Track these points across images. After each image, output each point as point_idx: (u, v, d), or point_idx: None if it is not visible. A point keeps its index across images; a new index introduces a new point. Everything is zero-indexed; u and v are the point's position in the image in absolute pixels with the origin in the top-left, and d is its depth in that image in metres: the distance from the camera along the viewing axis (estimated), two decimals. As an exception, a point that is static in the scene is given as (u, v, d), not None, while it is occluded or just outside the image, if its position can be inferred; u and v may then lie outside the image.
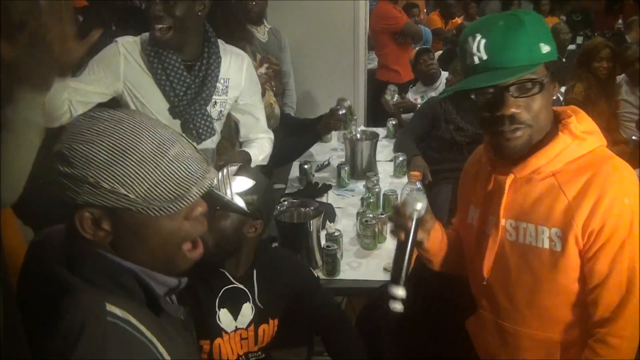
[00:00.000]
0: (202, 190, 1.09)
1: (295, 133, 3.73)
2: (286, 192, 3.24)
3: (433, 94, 4.33)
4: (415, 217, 1.51)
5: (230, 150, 2.42)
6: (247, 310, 1.86)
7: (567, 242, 1.40)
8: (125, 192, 1.02)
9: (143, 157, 1.02)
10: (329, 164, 3.58)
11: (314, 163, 3.53)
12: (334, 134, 3.93)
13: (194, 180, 1.08)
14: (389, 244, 2.62)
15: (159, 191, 1.04)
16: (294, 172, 3.48)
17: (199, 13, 2.17)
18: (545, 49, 1.37)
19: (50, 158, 1.04)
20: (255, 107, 2.55)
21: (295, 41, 4.35)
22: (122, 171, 1.01)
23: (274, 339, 1.97)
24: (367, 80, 5.09)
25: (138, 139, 1.03)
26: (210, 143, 2.43)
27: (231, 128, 2.77)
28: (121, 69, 2.18)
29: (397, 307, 1.48)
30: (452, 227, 1.89)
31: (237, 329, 1.85)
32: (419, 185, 2.58)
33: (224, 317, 1.83)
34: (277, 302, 1.92)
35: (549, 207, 1.43)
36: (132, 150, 1.02)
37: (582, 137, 1.42)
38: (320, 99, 4.57)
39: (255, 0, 4.00)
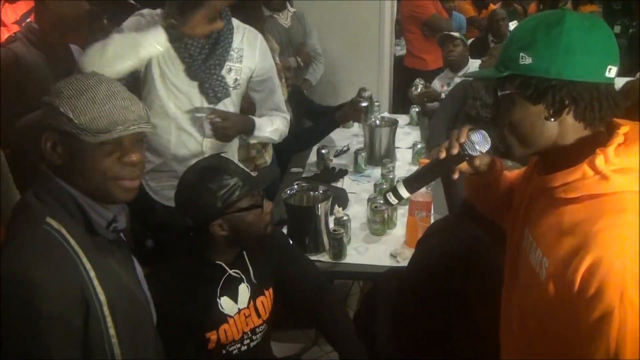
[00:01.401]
0: (125, 132, 1.35)
1: (315, 118, 3.76)
2: (303, 176, 3.27)
3: (458, 81, 4.28)
4: (466, 152, 1.42)
5: (233, 114, 2.46)
6: (244, 290, 1.93)
7: (549, 276, 1.22)
8: (72, 117, 1.31)
9: (94, 98, 1.34)
10: (348, 149, 3.60)
11: (332, 148, 3.56)
12: (356, 121, 3.92)
13: (124, 125, 1.35)
14: (398, 231, 2.64)
15: (96, 124, 1.32)
16: (312, 156, 3.51)
17: None
18: (525, 59, 1.21)
19: None
20: (270, 84, 2.60)
21: (320, 26, 4.36)
22: (75, 103, 1.32)
23: (274, 309, 2.03)
24: (393, 67, 5.06)
25: (98, 86, 1.36)
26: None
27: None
28: (151, 37, 2.20)
29: (392, 199, 1.49)
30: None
31: (239, 310, 1.91)
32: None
33: (225, 304, 1.88)
34: (267, 273, 1.99)
35: (549, 233, 1.26)
36: (88, 92, 1.34)
37: (605, 174, 1.18)
38: (344, 84, 4.57)
39: None
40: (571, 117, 1.22)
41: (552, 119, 1.22)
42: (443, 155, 1.44)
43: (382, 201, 2.58)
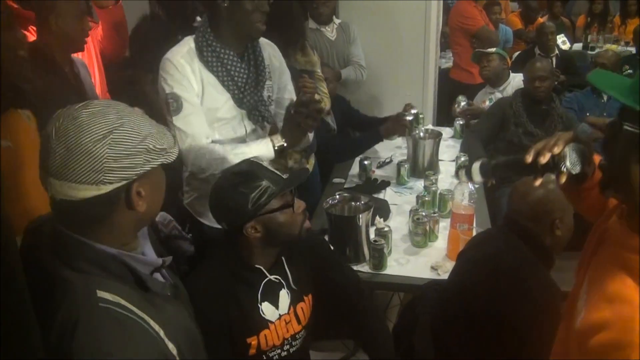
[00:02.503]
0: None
1: (360, 129, 3.78)
2: (345, 186, 3.29)
3: (500, 96, 4.25)
4: (559, 164, 1.27)
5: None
6: (284, 296, 1.95)
7: (580, 326, 1.12)
8: (164, 147, 1.22)
9: (150, 121, 1.24)
10: (391, 161, 3.60)
11: (375, 159, 3.56)
12: (400, 132, 3.92)
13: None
14: (440, 243, 2.63)
15: (169, 141, 1.25)
16: (355, 168, 3.52)
17: None
18: None
19: (94, 156, 1.14)
20: (289, 88, 2.58)
21: (365, 38, 4.36)
22: (155, 133, 1.22)
23: (313, 316, 2.05)
24: (438, 79, 5.04)
25: (138, 112, 1.24)
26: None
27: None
28: (193, 82, 2.22)
29: (463, 177, 1.46)
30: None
31: (280, 316, 1.93)
32: (471, 187, 2.57)
33: (266, 309, 1.90)
34: (306, 279, 2.01)
35: (597, 286, 1.14)
36: (145, 119, 1.23)
37: None
38: (388, 96, 4.57)
39: (329, 1, 4.08)
40: None
41: None
42: (530, 160, 1.30)
43: (424, 213, 2.59)
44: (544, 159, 1.27)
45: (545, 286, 1.86)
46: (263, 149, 2.22)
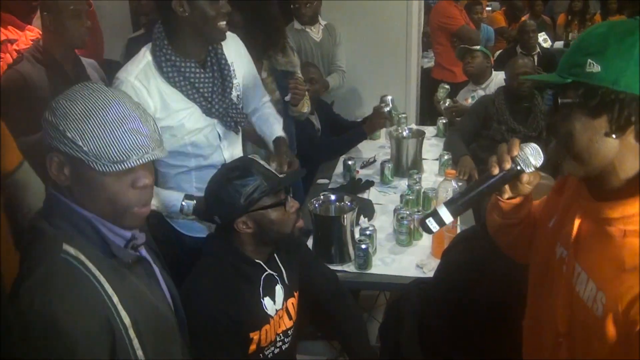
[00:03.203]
0: (140, 161, 1.25)
1: (341, 132, 3.78)
2: (329, 187, 3.28)
3: (483, 94, 4.27)
4: (519, 167, 1.30)
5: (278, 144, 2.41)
6: (280, 291, 1.98)
7: (607, 313, 1.14)
8: (81, 144, 1.20)
9: (104, 122, 1.21)
10: (374, 160, 3.59)
11: (359, 160, 3.56)
12: (383, 131, 3.93)
13: (137, 153, 1.24)
14: (424, 241, 2.63)
15: (107, 152, 1.21)
16: (339, 167, 3.52)
17: None
18: (592, 67, 1.11)
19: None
20: (255, 78, 2.53)
21: (347, 38, 4.37)
22: (83, 127, 1.20)
23: (299, 312, 2.07)
24: (420, 78, 5.07)
25: (107, 108, 1.23)
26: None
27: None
28: (150, 107, 2.10)
29: (432, 225, 1.31)
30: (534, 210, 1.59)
31: (276, 311, 1.96)
32: (454, 184, 2.57)
33: (268, 303, 1.93)
34: (294, 275, 2.05)
35: (606, 267, 1.17)
36: (98, 115, 1.21)
37: None
38: (371, 96, 4.55)
39: (310, 2, 4.08)
40: (632, 137, 1.11)
41: (614, 136, 1.11)
42: (497, 170, 1.30)
43: (407, 212, 2.59)
44: (508, 164, 1.29)
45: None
46: (170, 200, 2.19)
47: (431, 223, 1.31)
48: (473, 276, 1.90)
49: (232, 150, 2.37)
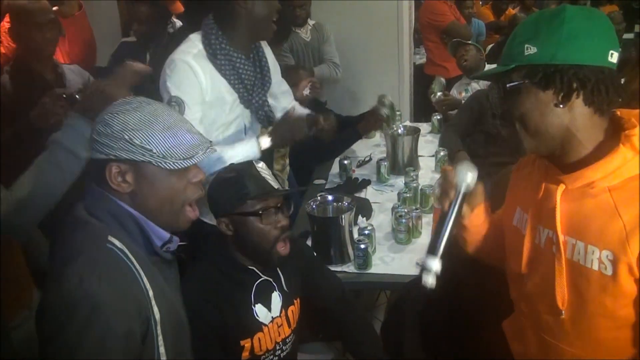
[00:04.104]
0: (204, 156, 1.41)
1: (337, 130, 3.77)
2: (326, 187, 3.27)
3: (477, 87, 4.26)
4: (462, 190, 1.42)
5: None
6: (276, 299, 1.94)
7: (618, 267, 1.24)
8: (150, 148, 1.33)
9: (165, 126, 1.36)
10: (370, 159, 3.59)
11: (354, 159, 3.55)
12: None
13: (201, 149, 1.41)
14: (424, 239, 2.62)
15: (175, 151, 1.36)
16: (335, 168, 3.51)
17: None
18: (530, 50, 1.26)
19: (94, 128, 1.37)
20: (284, 82, 2.68)
21: (339, 37, 4.37)
22: (149, 133, 1.34)
23: (301, 319, 2.05)
24: (414, 75, 5.07)
25: (163, 115, 1.38)
26: None
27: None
28: (204, 86, 2.23)
29: (429, 280, 1.36)
30: (496, 216, 1.74)
31: (272, 319, 1.93)
32: (452, 179, 2.56)
33: (260, 311, 1.90)
34: (296, 282, 2.02)
35: (601, 226, 1.27)
36: (157, 120, 1.36)
37: None
38: (365, 94, 4.55)
39: (304, 4, 4.08)
40: (580, 103, 1.25)
41: (562, 105, 1.25)
42: (447, 204, 1.44)
43: (405, 210, 2.58)
44: (446, 205, 1.43)
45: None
46: (249, 150, 2.25)
47: (427, 278, 1.37)
48: (474, 271, 1.90)
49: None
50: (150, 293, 1.35)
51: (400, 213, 2.57)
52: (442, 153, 3.36)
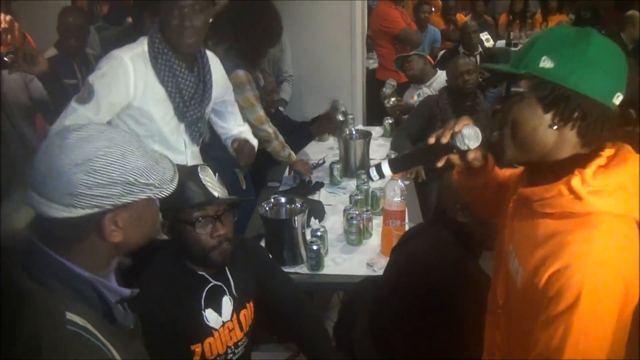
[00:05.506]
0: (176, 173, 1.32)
1: (290, 133, 3.81)
2: (280, 190, 3.30)
3: (428, 92, 4.36)
4: (456, 143, 1.39)
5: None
6: (227, 303, 1.94)
7: (524, 283, 1.28)
8: (153, 182, 1.22)
9: (145, 153, 1.22)
10: (324, 162, 3.64)
11: (308, 162, 3.57)
12: (331, 132, 3.97)
13: (168, 161, 1.31)
14: (374, 240, 2.68)
15: (165, 176, 1.26)
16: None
17: (210, 21, 2.24)
18: (546, 62, 1.21)
19: (69, 179, 1.13)
20: (233, 103, 2.64)
21: (292, 41, 4.41)
22: (146, 167, 1.21)
23: (254, 322, 2.06)
24: (366, 79, 5.13)
25: (134, 142, 1.22)
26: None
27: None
28: (131, 87, 2.15)
29: (373, 174, 1.45)
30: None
31: (223, 323, 1.93)
32: (401, 183, 2.63)
33: (210, 316, 1.90)
34: (248, 286, 2.02)
35: (525, 243, 1.30)
36: (139, 150, 1.21)
37: (580, 195, 1.21)
38: (318, 99, 4.56)
39: None
40: (573, 132, 1.23)
41: (555, 127, 1.23)
42: (432, 141, 1.43)
43: (356, 212, 2.63)
44: (446, 138, 1.40)
45: (476, 276, 1.92)
46: None
47: (372, 172, 1.47)
48: (420, 270, 1.95)
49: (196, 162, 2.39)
50: None
51: (352, 215, 2.62)
52: (392, 156, 3.41)
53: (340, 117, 3.44)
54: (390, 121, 4.21)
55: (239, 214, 1.98)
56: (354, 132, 3.59)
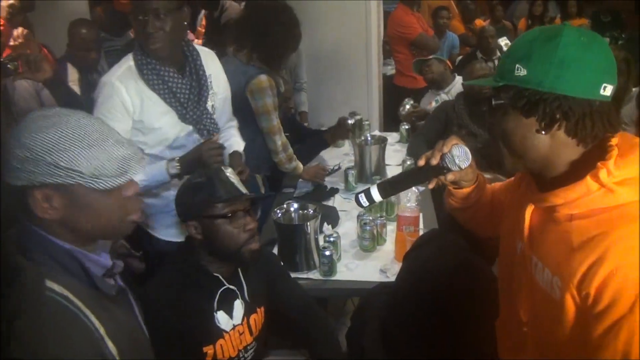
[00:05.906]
0: (138, 169, 1.31)
1: (303, 141, 3.81)
2: (294, 195, 3.31)
3: (446, 98, 4.34)
4: (446, 163, 1.43)
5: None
6: (239, 306, 1.97)
7: (564, 294, 1.21)
8: (79, 169, 1.22)
9: (91, 141, 1.24)
10: (339, 168, 3.63)
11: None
12: (347, 139, 3.97)
13: (133, 160, 1.30)
14: (388, 246, 2.67)
15: (107, 168, 1.25)
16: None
17: (185, 23, 2.27)
18: (520, 71, 1.21)
19: (5, 150, 1.22)
20: (228, 99, 2.64)
21: (308, 48, 4.42)
22: (75, 153, 1.21)
23: (264, 327, 2.08)
24: (383, 85, 5.12)
25: (84, 127, 1.25)
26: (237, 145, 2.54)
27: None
28: (129, 105, 2.21)
29: (363, 200, 1.47)
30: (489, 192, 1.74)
31: (234, 326, 1.95)
32: (415, 189, 2.61)
33: (222, 318, 1.92)
34: (260, 291, 2.05)
35: (557, 251, 1.25)
36: (82, 136, 1.23)
37: (610, 187, 1.18)
38: (335, 106, 4.61)
39: None
40: (563, 133, 1.22)
41: (543, 132, 1.22)
42: (422, 163, 1.45)
43: (370, 217, 2.62)
44: (436, 160, 1.43)
45: (489, 283, 1.90)
46: (157, 175, 2.24)
47: (362, 198, 1.47)
48: (432, 276, 1.93)
49: None
50: (102, 331, 1.25)
51: (365, 220, 2.61)
52: (408, 162, 3.41)
53: (350, 120, 3.44)
54: (406, 127, 4.19)
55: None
56: (369, 138, 3.58)
